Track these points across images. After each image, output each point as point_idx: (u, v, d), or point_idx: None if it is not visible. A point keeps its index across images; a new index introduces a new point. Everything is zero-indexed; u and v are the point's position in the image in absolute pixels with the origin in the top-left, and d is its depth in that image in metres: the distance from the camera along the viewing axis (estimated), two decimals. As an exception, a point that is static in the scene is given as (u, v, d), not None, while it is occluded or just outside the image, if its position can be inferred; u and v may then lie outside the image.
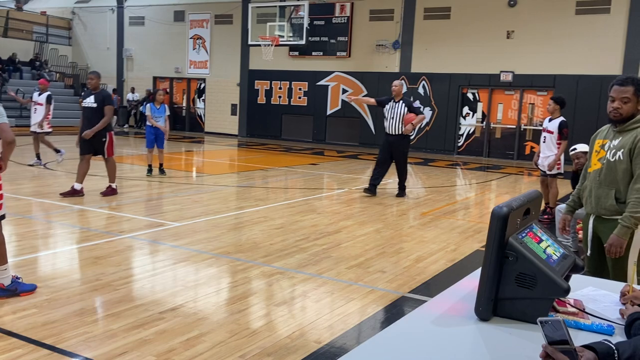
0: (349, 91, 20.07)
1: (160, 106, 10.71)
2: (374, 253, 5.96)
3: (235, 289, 4.73)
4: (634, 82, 3.37)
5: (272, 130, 21.84)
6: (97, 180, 10.13)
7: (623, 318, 1.97)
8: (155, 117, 10.64)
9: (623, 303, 2.12)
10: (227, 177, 11.81)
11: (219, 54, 22.74)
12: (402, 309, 4.41)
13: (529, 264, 1.96)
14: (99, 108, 8.45)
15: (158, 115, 10.66)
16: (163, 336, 3.67)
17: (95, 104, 8.46)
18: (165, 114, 10.78)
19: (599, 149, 3.57)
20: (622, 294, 2.18)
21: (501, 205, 1.96)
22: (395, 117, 9.28)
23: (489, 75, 17.81)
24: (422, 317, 2.03)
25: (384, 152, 9.54)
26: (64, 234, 6.32)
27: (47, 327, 3.73)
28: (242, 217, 7.62)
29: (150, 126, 10.65)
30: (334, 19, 20.12)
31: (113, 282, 4.73)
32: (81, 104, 8.69)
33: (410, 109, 9.29)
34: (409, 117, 9.20)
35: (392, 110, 9.32)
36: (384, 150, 9.55)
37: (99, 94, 8.56)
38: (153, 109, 10.63)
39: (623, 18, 16.01)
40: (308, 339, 3.75)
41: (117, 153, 15.56)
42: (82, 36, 26.08)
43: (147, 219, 7.18)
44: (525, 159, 17.45)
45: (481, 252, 6.27)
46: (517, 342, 1.83)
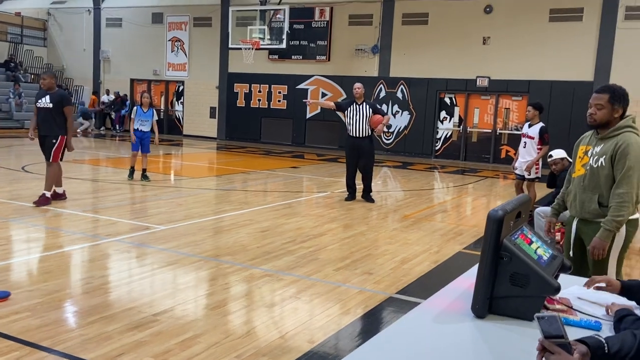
0: (329, 95, 20.20)
1: (148, 110, 10.50)
2: (360, 255, 6.08)
3: (224, 291, 4.81)
4: (609, 90, 3.58)
5: (252, 133, 21.87)
6: (78, 184, 10.08)
7: (609, 314, 2.11)
8: (142, 120, 10.44)
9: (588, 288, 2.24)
10: (209, 180, 11.84)
11: (198, 57, 22.69)
12: (390, 309, 4.53)
13: (522, 264, 2.09)
14: (55, 109, 7.91)
15: (145, 119, 10.48)
16: (158, 337, 3.74)
17: (51, 104, 7.90)
18: (152, 118, 10.58)
19: (582, 155, 3.75)
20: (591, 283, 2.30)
21: (496, 208, 2.09)
22: (360, 119, 9.10)
23: (466, 80, 18.12)
24: (422, 314, 2.15)
25: (352, 156, 9.35)
26: (49, 238, 6.31)
27: (42, 329, 3.77)
28: (227, 220, 7.68)
29: (137, 129, 10.42)
30: (314, 23, 20.26)
31: (104, 285, 4.77)
32: (36, 105, 8.02)
33: (375, 110, 9.22)
34: (378, 119, 9.08)
35: (356, 113, 9.13)
36: (351, 155, 9.36)
37: (54, 94, 8.01)
38: (140, 112, 10.42)
39: (595, 26, 16.46)
40: (301, 339, 3.85)
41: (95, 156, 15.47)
42: (58, 37, 25.78)
43: (132, 223, 7.20)
44: (501, 162, 17.80)
45: (463, 253, 6.45)
46: (512, 337, 1.96)
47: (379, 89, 19.44)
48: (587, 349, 1.58)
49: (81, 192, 9.31)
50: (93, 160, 14.52)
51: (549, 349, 1.56)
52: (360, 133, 9.20)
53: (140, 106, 10.50)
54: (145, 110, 10.48)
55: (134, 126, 10.46)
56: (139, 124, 10.47)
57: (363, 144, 9.26)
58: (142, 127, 10.49)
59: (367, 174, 9.46)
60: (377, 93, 19.45)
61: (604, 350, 1.59)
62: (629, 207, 3.49)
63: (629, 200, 3.48)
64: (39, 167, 11.83)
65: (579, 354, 1.53)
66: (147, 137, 10.56)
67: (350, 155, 9.42)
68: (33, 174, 10.86)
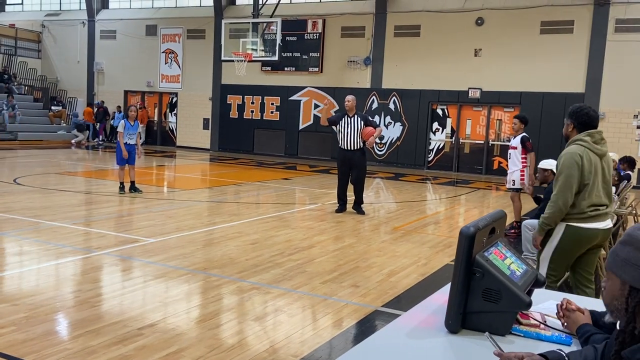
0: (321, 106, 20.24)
1: (135, 123, 10.48)
2: (347, 268, 6.10)
3: (212, 304, 4.82)
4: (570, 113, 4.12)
5: (245, 144, 21.92)
6: (69, 196, 10.08)
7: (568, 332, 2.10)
8: (130, 134, 10.41)
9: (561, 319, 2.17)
10: (200, 192, 11.85)
11: (191, 68, 22.78)
12: (375, 323, 4.55)
13: (494, 280, 2.12)
14: None
15: (133, 133, 10.45)
16: (143, 352, 3.74)
17: None
18: (137, 130, 10.60)
19: None
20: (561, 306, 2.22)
21: (468, 225, 2.12)
22: (351, 131, 9.12)
23: (458, 91, 18.25)
24: (396, 329, 2.18)
25: (344, 168, 9.35)
26: (38, 251, 6.31)
27: (27, 344, 3.77)
28: (217, 232, 7.69)
29: (126, 143, 10.35)
30: (306, 35, 20.39)
31: (90, 298, 4.77)
32: None
33: (367, 122, 9.23)
34: (369, 131, 9.10)
35: (347, 126, 9.14)
36: (343, 167, 9.36)
37: None
38: (127, 125, 10.36)
39: (585, 38, 16.63)
40: (286, 352, 3.86)
41: (87, 168, 15.48)
42: (52, 49, 25.83)
43: (121, 235, 7.20)
44: (494, 173, 17.89)
45: (451, 266, 6.45)
46: (483, 352, 1.99)
47: (372, 101, 19.54)
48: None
49: (72, 204, 9.31)
50: (85, 172, 14.53)
51: None
52: (352, 145, 9.21)
53: (127, 119, 10.43)
54: (132, 123, 10.43)
55: (124, 140, 10.40)
56: (127, 137, 10.39)
57: (354, 157, 9.27)
58: (130, 141, 10.46)
59: (358, 185, 9.47)
60: (370, 104, 19.55)
61: None
62: (553, 207, 3.97)
63: (555, 202, 3.96)
64: (31, 179, 11.84)
65: None
66: (134, 150, 10.55)
67: (342, 168, 9.44)
68: (25, 187, 10.86)
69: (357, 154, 9.28)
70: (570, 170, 3.90)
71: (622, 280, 1.46)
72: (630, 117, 16.37)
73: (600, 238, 4.13)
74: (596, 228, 4.03)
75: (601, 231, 4.08)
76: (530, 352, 1.71)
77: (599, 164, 4.00)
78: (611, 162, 4.24)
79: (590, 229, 4.01)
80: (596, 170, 3.97)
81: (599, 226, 4.05)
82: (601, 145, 4.02)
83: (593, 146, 3.97)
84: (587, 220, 3.99)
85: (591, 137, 3.98)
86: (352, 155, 9.27)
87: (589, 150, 3.95)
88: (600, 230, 4.06)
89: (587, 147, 3.95)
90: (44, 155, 17.18)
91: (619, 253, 1.48)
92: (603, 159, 4.04)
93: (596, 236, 4.07)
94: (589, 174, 3.93)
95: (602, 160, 4.03)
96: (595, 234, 4.05)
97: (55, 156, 17.27)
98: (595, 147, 3.98)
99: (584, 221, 3.99)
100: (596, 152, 3.98)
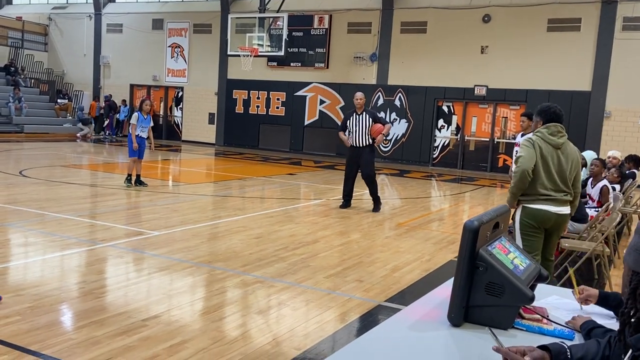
0: (327, 102, 20.29)
1: (147, 116, 10.45)
2: (351, 263, 6.11)
3: (215, 297, 4.84)
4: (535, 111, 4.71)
5: (250, 139, 21.94)
6: (75, 188, 10.13)
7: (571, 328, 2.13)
8: (143, 127, 10.38)
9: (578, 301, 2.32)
10: (205, 186, 11.88)
11: (197, 63, 22.79)
12: (378, 317, 4.56)
13: (497, 274, 2.13)
14: None
15: (145, 126, 10.41)
16: (147, 343, 3.77)
17: None
18: (150, 124, 10.58)
19: None
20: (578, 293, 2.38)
21: (472, 219, 2.13)
22: (360, 129, 9.15)
23: (464, 88, 18.20)
24: (398, 322, 2.19)
25: (352, 165, 9.38)
26: (44, 242, 6.34)
27: (31, 333, 3.80)
28: (221, 226, 7.71)
29: (137, 136, 10.33)
30: (313, 31, 20.36)
31: (95, 290, 4.80)
32: None
33: (376, 119, 9.25)
34: (378, 128, 9.12)
35: (356, 123, 9.18)
36: (351, 164, 9.39)
37: None
38: (141, 118, 10.32)
39: (592, 36, 16.55)
40: (288, 345, 3.88)
41: (93, 161, 15.53)
42: (59, 42, 25.89)
43: (126, 228, 7.23)
44: (498, 171, 17.85)
45: (455, 262, 6.47)
46: (485, 346, 1.99)
47: (377, 97, 19.52)
48: (542, 354, 1.64)
49: (77, 196, 9.35)
50: (91, 165, 14.58)
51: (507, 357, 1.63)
52: (360, 142, 9.22)
53: (141, 112, 10.42)
54: (145, 116, 10.43)
55: (136, 132, 10.36)
56: (139, 130, 10.37)
57: (362, 153, 9.27)
58: (142, 134, 10.45)
59: (369, 182, 9.46)
60: (375, 101, 19.53)
61: (566, 355, 1.63)
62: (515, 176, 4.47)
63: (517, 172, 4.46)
64: (37, 171, 11.90)
65: (530, 358, 1.59)
66: (144, 143, 10.58)
67: (349, 164, 9.45)
68: (31, 179, 10.91)
69: (365, 151, 9.27)
70: (527, 150, 4.44)
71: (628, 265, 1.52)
72: (636, 116, 16.30)
73: (554, 222, 4.54)
74: (548, 210, 4.49)
75: (554, 215, 4.50)
76: (531, 346, 1.72)
77: (554, 154, 4.47)
78: (575, 155, 4.61)
79: (541, 209, 4.48)
80: (549, 158, 4.45)
81: (551, 209, 4.49)
82: (557, 138, 4.48)
83: (547, 137, 4.47)
84: (538, 202, 4.48)
85: (547, 129, 4.50)
86: (361, 152, 9.26)
87: (543, 140, 4.46)
88: (553, 213, 4.50)
89: (541, 137, 4.48)
90: (49, 148, 17.24)
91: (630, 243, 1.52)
92: (559, 151, 4.49)
93: (549, 218, 4.51)
94: (539, 160, 4.43)
95: (559, 151, 4.48)
96: (547, 216, 4.50)
97: (61, 149, 17.33)
98: (549, 138, 4.46)
99: (535, 203, 4.49)
100: (549, 142, 4.46)
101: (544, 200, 4.46)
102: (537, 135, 4.51)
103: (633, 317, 1.47)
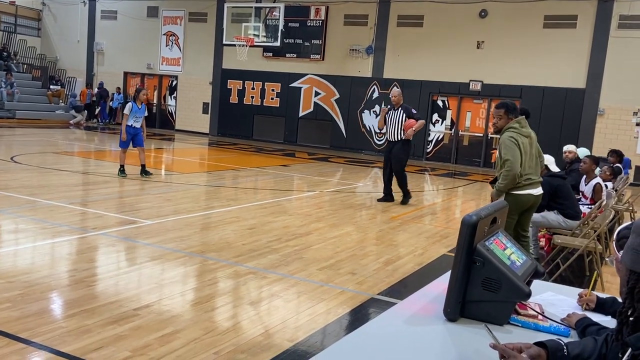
0: (322, 94, 20.24)
1: (142, 106, 10.27)
2: (344, 255, 6.10)
3: (208, 287, 4.82)
4: (504, 105, 5.25)
5: (244, 130, 21.85)
6: (66, 176, 10.06)
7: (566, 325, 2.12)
8: (137, 117, 10.21)
9: (579, 304, 2.32)
10: (199, 176, 11.83)
11: (192, 52, 22.64)
12: (371, 310, 4.56)
13: (494, 270, 2.11)
14: None
15: (139, 116, 10.25)
16: (138, 332, 3.74)
17: None
18: (144, 114, 10.39)
19: None
20: (580, 295, 2.38)
21: (471, 214, 2.11)
22: (394, 124, 9.49)
23: (459, 83, 18.19)
24: (394, 316, 2.17)
25: (386, 159, 9.81)
26: (35, 229, 6.29)
27: (21, 321, 3.76)
28: (214, 216, 7.68)
29: (130, 126, 10.17)
30: (309, 22, 20.26)
31: (86, 278, 4.76)
32: None
33: (410, 115, 9.52)
34: (410, 123, 9.42)
35: (392, 118, 9.53)
36: (385, 158, 9.83)
37: None
38: (135, 108, 10.14)
39: (588, 33, 16.56)
40: (281, 337, 3.86)
41: (85, 148, 15.42)
42: (52, 28, 25.63)
43: (118, 216, 7.18)
44: (491, 166, 17.86)
45: (448, 256, 6.49)
46: (481, 341, 1.98)
47: (372, 90, 19.48)
48: (538, 351, 1.63)
49: (69, 184, 9.29)
50: (83, 152, 14.48)
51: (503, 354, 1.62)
52: (394, 137, 9.56)
53: (135, 102, 10.22)
54: (139, 106, 10.24)
55: (128, 122, 10.17)
56: (132, 120, 10.20)
57: (394, 148, 9.60)
58: (136, 124, 10.27)
59: (396, 175, 9.71)
60: (371, 94, 19.49)
61: (563, 352, 1.63)
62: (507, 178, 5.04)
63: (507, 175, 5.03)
64: (28, 157, 11.80)
65: (527, 355, 1.59)
66: (141, 133, 10.39)
67: (385, 159, 9.84)
68: (22, 165, 10.82)
69: (396, 145, 9.55)
70: (513, 150, 5.03)
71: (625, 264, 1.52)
72: (629, 114, 16.36)
73: (532, 203, 5.29)
74: (529, 194, 5.20)
75: (533, 196, 5.24)
76: (528, 343, 1.71)
77: (526, 142, 5.15)
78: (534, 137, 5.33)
79: (525, 194, 5.17)
80: (525, 148, 5.12)
81: (533, 192, 5.22)
82: (526, 129, 5.21)
83: (521, 130, 5.15)
84: (522, 189, 5.14)
85: (519, 123, 5.18)
86: (392, 147, 9.58)
87: (519, 133, 5.12)
88: (533, 195, 5.23)
89: (517, 132, 5.12)
90: (41, 134, 17.11)
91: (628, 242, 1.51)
92: (529, 139, 5.19)
93: (529, 200, 5.24)
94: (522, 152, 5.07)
95: (529, 139, 5.19)
96: (529, 198, 5.21)
97: (53, 135, 17.20)
98: (522, 131, 5.16)
99: (520, 189, 5.14)
100: (523, 134, 5.15)
101: (528, 185, 5.14)
102: (514, 131, 5.11)
103: (631, 316, 1.46)
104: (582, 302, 2.35)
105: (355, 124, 19.76)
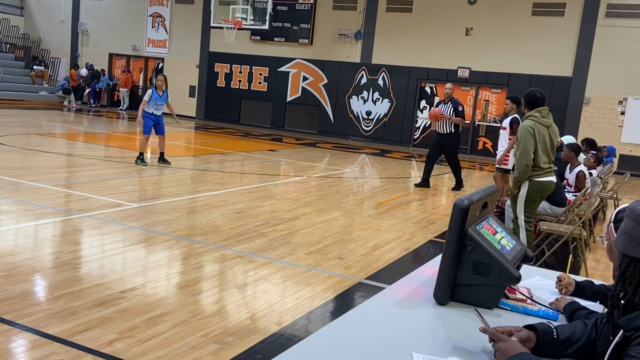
0: (310, 79, 20.13)
1: (163, 93, 10.00)
2: (332, 240, 6.11)
3: (195, 271, 4.80)
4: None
5: (231, 114, 21.72)
6: (51, 157, 9.93)
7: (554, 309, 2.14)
8: (158, 105, 9.98)
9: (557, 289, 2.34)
10: (185, 159, 11.74)
11: (179, 34, 22.38)
12: (358, 295, 4.57)
13: (485, 254, 2.12)
14: None
15: (161, 104, 10.02)
16: (125, 315, 3.72)
17: None
18: (166, 101, 10.13)
19: None
20: (558, 279, 2.40)
21: (463, 198, 2.11)
22: None
23: (447, 70, 18.19)
24: (384, 300, 2.17)
25: (434, 149, 10.27)
26: (18, 211, 6.21)
27: (6, 302, 3.72)
28: (201, 200, 7.64)
29: (151, 113, 9.96)
30: (298, 6, 20.09)
31: (72, 260, 4.72)
32: None
33: (456, 110, 9.95)
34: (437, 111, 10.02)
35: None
36: (433, 148, 10.29)
37: None
38: (155, 95, 9.90)
39: (576, 22, 16.61)
40: (269, 320, 3.86)
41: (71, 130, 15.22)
42: (36, 7, 25.17)
43: (104, 199, 7.12)
44: (478, 154, 17.96)
45: (434, 242, 6.52)
46: (471, 324, 1.99)
47: (361, 75, 19.42)
48: (528, 334, 1.65)
49: (53, 166, 9.18)
50: (68, 134, 14.30)
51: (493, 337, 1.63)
52: (443, 129, 10.04)
53: (156, 89, 9.98)
54: (160, 93, 10.00)
55: (149, 110, 9.94)
56: (153, 108, 9.97)
57: (444, 141, 10.10)
58: (157, 112, 10.05)
59: (452, 166, 10.33)
60: (359, 79, 19.43)
61: (552, 335, 1.64)
62: (518, 169, 5.26)
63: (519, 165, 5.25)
64: (12, 139, 11.63)
65: (517, 338, 1.61)
66: (162, 120, 10.20)
67: (432, 150, 10.35)
68: (5, 146, 10.66)
69: (447, 138, 10.05)
70: (527, 139, 5.19)
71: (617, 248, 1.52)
72: (615, 103, 16.49)
73: (550, 189, 5.49)
74: (550, 180, 5.39)
75: (553, 183, 5.45)
76: (518, 327, 1.72)
77: (546, 133, 5.31)
78: (557, 132, 5.54)
79: (546, 181, 5.37)
80: (544, 137, 5.28)
81: (552, 179, 5.43)
82: (547, 119, 5.34)
83: (541, 119, 5.29)
84: (543, 175, 5.33)
85: (540, 113, 5.32)
86: (443, 140, 10.09)
87: (538, 123, 5.26)
88: (553, 183, 5.44)
89: (536, 121, 5.26)
90: (25, 116, 16.86)
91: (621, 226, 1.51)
92: (549, 129, 5.35)
93: (551, 187, 5.44)
94: (538, 142, 5.21)
95: (549, 130, 5.34)
96: (549, 185, 5.41)
97: (37, 117, 16.96)
98: (542, 120, 5.29)
99: (542, 176, 5.32)
100: (542, 123, 5.29)
101: (548, 172, 5.35)
102: (533, 120, 5.26)
103: (622, 299, 1.47)
104: (560, 286, 2.37)
105: (343, 110, 19.71)
